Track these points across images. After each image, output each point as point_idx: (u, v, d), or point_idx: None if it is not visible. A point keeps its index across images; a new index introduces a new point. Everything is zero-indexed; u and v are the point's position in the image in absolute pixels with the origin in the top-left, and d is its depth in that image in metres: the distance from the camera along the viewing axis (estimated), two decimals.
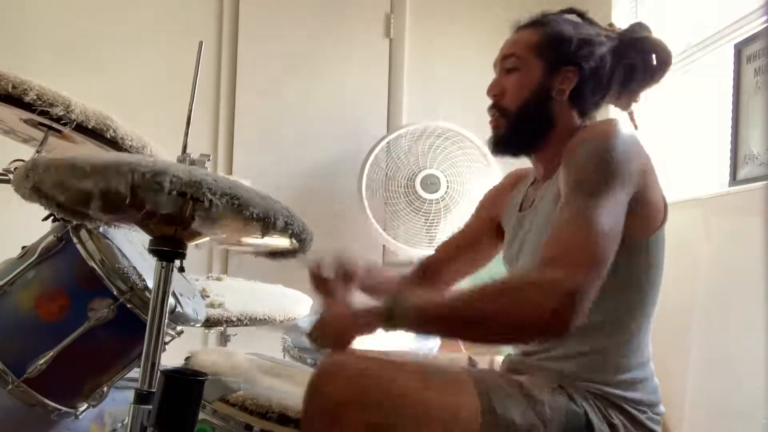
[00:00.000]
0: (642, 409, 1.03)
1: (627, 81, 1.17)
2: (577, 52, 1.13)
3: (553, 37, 1.14)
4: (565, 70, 1.13)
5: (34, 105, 1.10)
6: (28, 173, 0.84)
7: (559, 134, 1.14)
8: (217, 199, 0.78)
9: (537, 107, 1.14)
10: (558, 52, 1.13)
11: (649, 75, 1.17)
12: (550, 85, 1.14)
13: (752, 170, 1.63)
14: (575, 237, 0.92)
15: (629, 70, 1.16)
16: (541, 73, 1.14)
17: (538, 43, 1.15)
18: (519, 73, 1.15)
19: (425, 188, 2.42)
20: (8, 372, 1.13)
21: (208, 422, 1.04)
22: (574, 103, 1.15)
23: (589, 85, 1.14)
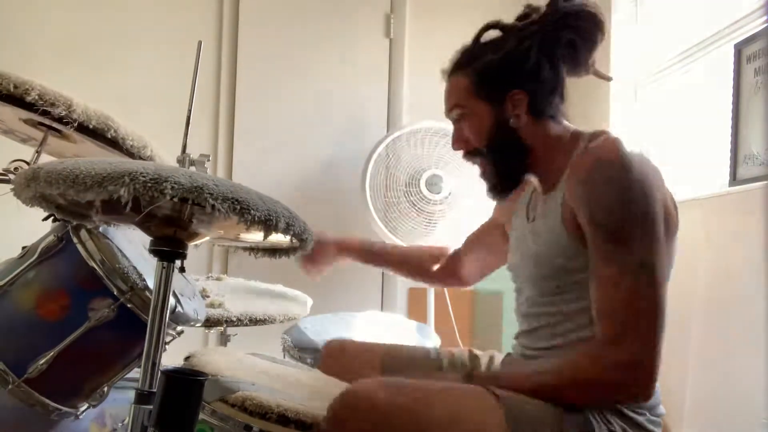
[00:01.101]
0: (641, 411, 1.03)
1: (573, 57, 1.14)
2: (510, 74, 1.12)
3: (480, 73, 1.13)
4: (509, 97, 1.12)
5: (36, 105, 1.10)
6: (29, 183, 0.84)
7: (544, 150, 1.14)
8: (219, 203, 0.78)
9: (503, 141, 1.14)
10: (492, 85, 1.13)
11: (590, 41, 1.14)
12: (503, 116, 1.13)
13: (752, 170, 1.63)
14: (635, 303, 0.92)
15: (570, 47, 1.13)
16: (489, 111, 1.14)
17: (470, 85, 1.14)
18: (470, 120, 1.16)
19: (429, 188, 2.42)
20: (9, 372, 1.13)
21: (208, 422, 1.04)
22: (537, 116, 1.13)
23: (539, 93, 1.12)
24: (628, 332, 0.91)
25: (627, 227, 0.95)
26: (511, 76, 1.12)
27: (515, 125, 1.13)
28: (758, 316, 1.45)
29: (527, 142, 1.14)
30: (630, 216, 0.95)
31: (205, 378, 0.93)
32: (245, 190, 0.84)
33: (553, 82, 1.13)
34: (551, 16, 1.13)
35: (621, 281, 0.93)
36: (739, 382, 1.57)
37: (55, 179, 0.79)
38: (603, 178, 0.99)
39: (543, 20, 1.14)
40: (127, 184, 0.76)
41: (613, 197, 0.97)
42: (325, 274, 1.53)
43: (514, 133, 1.13)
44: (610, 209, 0.97)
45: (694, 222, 1.77)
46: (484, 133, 1.14)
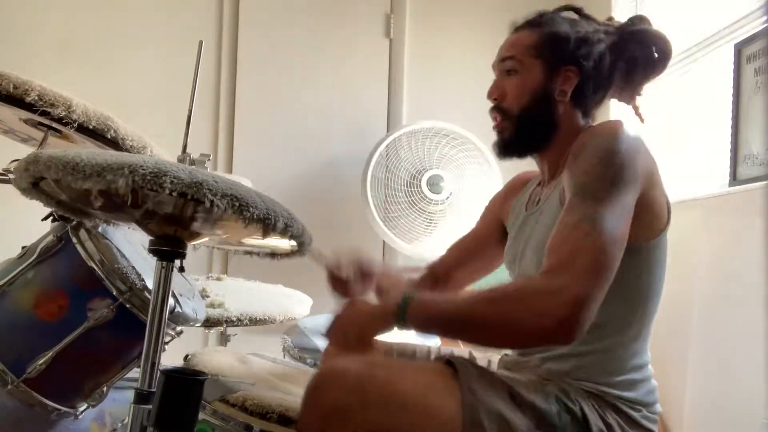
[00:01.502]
0: (637, 408, 1.03)
1: (629, 75, 1.17)
2: (577, 51, 1.12)
3: (551, 37, 1.13)
4: (565, 70, 1.12)
5: (36, 105, 1.10)
6: (29, 166, 0.84)
7: (563, 135, 1.13)
8: (218, 200, 0.78)
9: (539, 109, 1.13)
10: (557, 52, 1.13)
11: (650, 68, 1.16)
12: (551, 86, 1.13)
13: (752, 170, 1.63)
14: (581, 243, 0.92)
15: (630, 63, 1.16)
16: (541, 75, 1.13)
17: (536, 43, 1.14)
18: (519, 76, 1.15)
19: (430, 188, 2.42)
20: (8, 372, 1.13)
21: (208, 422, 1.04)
22: (577, 103, 1.14)
23: (590, 83, 1.13)
24: (569, 264, 0.90)
25: (595, 185, 0.96)
26: (575, 53, 1.12)
27: (558, 98, 1.13)
28: (758, 316, 1.45)
29: (558, 120, 1.14)
30: (601, 176, 0.97)
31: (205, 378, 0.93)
32: (245, 189, 0.84)
33: (605, 80, 1.15)
34: (629, 27, 1.17)
35: (575, 226, 0.94)
36: (739, 382, 1.57)
37: (55, 164, 0.79)
38: (588, 148, 1.01)
39: (620, 27, 1.17)
40: (126, 175, 0.76)
41: (592, 160, 0.99)
42: None
43: (551, 106, 1.13)
44: (585, 168, 0.99)
45: (694, 222, 1.77)
46: (526, 93, 1.14)
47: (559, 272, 0.90)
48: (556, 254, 0.93)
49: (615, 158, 0.97)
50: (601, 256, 0.91)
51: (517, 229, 1.23)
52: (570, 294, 0.88)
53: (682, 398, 1.74)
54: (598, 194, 0.95)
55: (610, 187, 0.95)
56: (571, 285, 0.88)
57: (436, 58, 2.87)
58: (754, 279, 1.50)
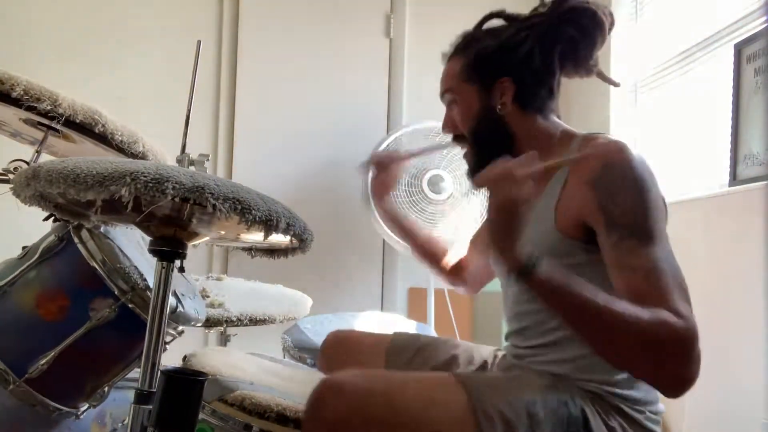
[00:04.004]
0: (639, 408, 1.03)
1: (574, 54, 1.14)
2: (501, 60, 1.12)
3: (475, 57, 1.14)
4: (498, 84, 1.13)
5: (21, 100, 1.10)
6: (29, 182, 0.84)
7: (527, 139, 1.14)
8: (220, 203, 0.79)
9: (486, 128, 1.15)
10: (483, 69, 1.13)
11: (590, 41, 1.14)
12: (490, 103, 1.14)
13: (752, 170, 1.63)
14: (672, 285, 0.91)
15: (571, 43, 1.13)
16: (477, 96, 1.15)
17: (464, 68, 1.15)
18: (459, 104, 1.17)
19: (431, 188, 2.42)
20: (9, 372, 1.13)
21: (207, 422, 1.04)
22: (524, 107, 1.14)
23: (528, 84, 1.13)
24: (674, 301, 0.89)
25: (647, 224, 0.95)
26: (502, 64, 1.12)
27: (501, 112, 1.13)
28: (758, 316, 1.45)
29: (511, 131, 1.14)
30: (647, 214, 0.96)
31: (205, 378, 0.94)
32: (246, 190, 0.84)
33: (543, 75, 1.13)
34: (555, 10, 1.14)
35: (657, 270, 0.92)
36: (739, 382, 1.57)
37: (56, 178, 0.79)
38: (613, 179, 0.99)
39: (547, 14, 1.15)
40: (128, 183, 0.76)
41: (628, 197, 0.97)
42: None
43: (499, 120, 1.14)
44: (626, 209, 0.97)
45: (694, 222, 1.77)
46: (469, 118, 1.16)
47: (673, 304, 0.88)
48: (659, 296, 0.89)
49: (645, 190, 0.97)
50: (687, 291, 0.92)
51: None
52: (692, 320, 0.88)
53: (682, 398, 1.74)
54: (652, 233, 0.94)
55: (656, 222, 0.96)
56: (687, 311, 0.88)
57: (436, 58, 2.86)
58: (753, 279, 1.50)
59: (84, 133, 1.18)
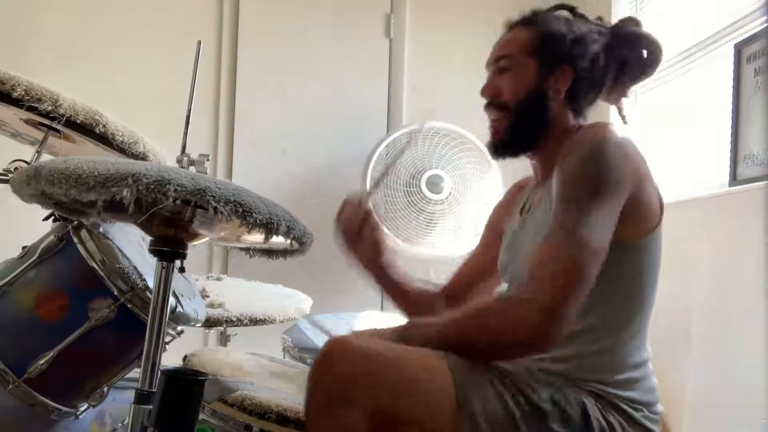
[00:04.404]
0: (638, 407, 1.03)
1: (619, 76, 1.17)
2: (571, 50, 1.12)
3: (546, 35, 1.14)
4: (560, 69, 1.13)
5: (22, 101, 1.10)
6: (30, 181, 0.84)
7: (556, 134, 1.14)
8: (221, 206, 0.79)
9: (534, 106, 1.14)
10: (552, 50, 1.13)
11: (640, 70, 1.17)
12: (545, 84, 1.13)
13: (752, 170, 1.63)
14: (556, 252, 0.94)
15: (621, 65, 1.16)
16: (536, 73, 1.13)
17: (531, 42, 1.14)
18: (514, 73, 1.15)
19: (430, 188, 2.42)
20: (9, 372, 1.13)
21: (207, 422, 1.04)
22: (570, 102, 1.14)
23: (583, 83, 1.14)
24: (544, 274, 0.92)
25: (577, 192, 0.97)
26: (571, 54, 1.12)
27: (552, 96, 1.13)
28: (758, 315, 1.45)
29: (551, 119, 1.14)
30: (584, 183, 0.98)
31: (205, 378, 0.94)
32: (247, 193, 0.84)
33: (598, 81, 1.15)
34: (622, 29, 1.17)
35: (556, 234, 0.95)
36: (739, 382, 1.57)
37: (58, 178, 0.79)
38: (577, 156, 1.02)
39: (614, 28, 1.18)
40: (130, 185, 0.76)
41: (577, 167, 1.00)
42: None
43: (545, 104, 1.14)
44: (569, 176, 1.00)
45: (694, 222, 1.77)
46: (521, 92, 1.14)
47: (531, 282, 0.93)
48: (533, 265, 0.95)
49: (597, 165, 0.98)
50: (573, 264, 0.92)
51: (510, 234, 1.23)
52: (540, 303, 0.90)
53: (682, 398, 1.74)
54: (580, 203, 0.96)
55: (591, 194, 0.96)
56: (541, 294, 0.91)
57: (436, 58, 2.87)
58: (754, 279, 1.50)
59: (85, 134, 1.18)
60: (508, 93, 1.15)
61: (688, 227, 1.75)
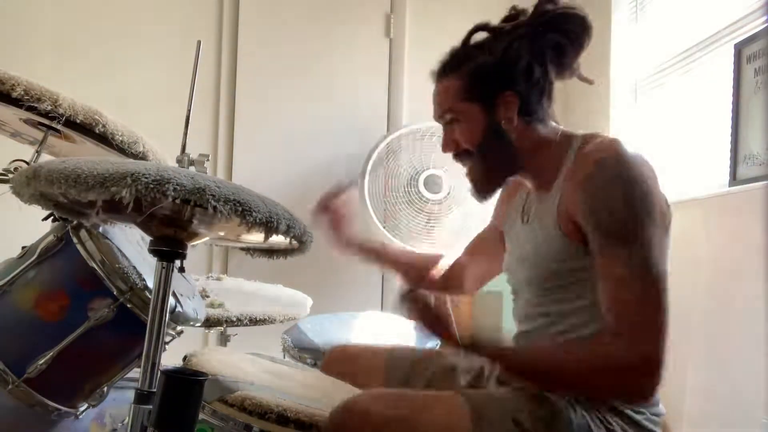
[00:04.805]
0: (639, 410, 1.03)
1: (559, 60, 1.14)
2: (503, 75, 1.11)
3: (474, 75, 1.13)
4: (502, 99, 1.12)
5: (22, 100, 1.10)
6: (30, 181, 0.84)
7: (533, 150, 1.13)
8: (220, 205, 0.79)
9: (495, 144, 1.13)
10: (484, 86, 1.12)
11: (577, 45, 1.13)
12: (495, 119, 1.12)
13: (752, 170, 1.63)
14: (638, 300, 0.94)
15: (556, 49, 1.13)
16: (481, 114, 1.13)
17: (463, 88, 1.13)
18: (462, 123, 1.15)
19: (428, 188, 2.42)
20: (8, 372, 1.13)
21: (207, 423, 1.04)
22: (528, 118, 1.13)
23: (531, 95, 1.12)
24: (639, 329, 0.93)
25: (630, 227, 0.96)
26: (504, 78, 1.11)
27: (507, 127, 1.12)
28: (758, 315, 1.45)
29: (517, 144, 1.13)
30: (633, 216, 0.96)
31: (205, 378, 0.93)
32: (247, 192, 0.84)
33: (543, 85, 1.13)
34: (539, 17, 1.13)
35: (632, 281, 0.94)
36: (739, 382, 1.57)
37: (57, 178, 0.79)
38: (604, 179, 0.99)
39: (531, 22, 1.14)
40: (129, 185, 0.76)
41: (615, 197, 0.97)
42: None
43: (505, 135, 1.13)
44: (612, 210, 0.97)
45: (694, 222, 1.77)
46: (476, 136, 1.14)
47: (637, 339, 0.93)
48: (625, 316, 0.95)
49: (634, 190, 0.97)
50: (664, 307, 0.95)
51: (513, 240, 1.24)
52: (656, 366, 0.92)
53: (682, 398, 1.74)
54: (637, 237, 0.95)
55: (644, 224, 0.96)
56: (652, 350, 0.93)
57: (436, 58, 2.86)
58: (754, 279, 1.50)
59: (84, 134, 1.18)
60: (465, 142, 1.15)
61: (688, 227, 1.75)
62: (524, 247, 1.16)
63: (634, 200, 0.97)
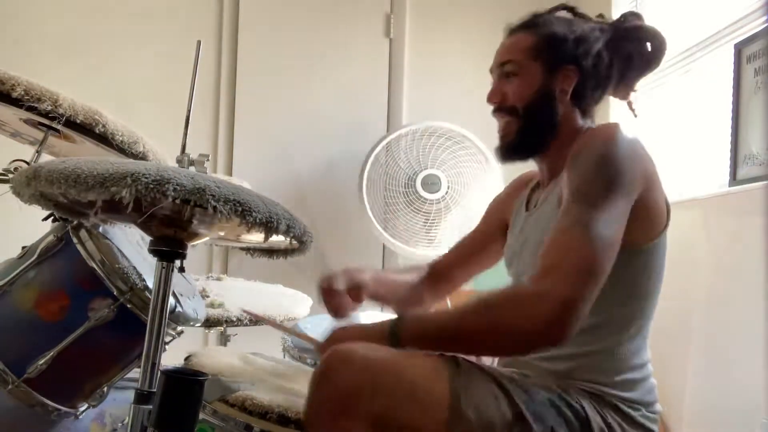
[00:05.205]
0: (636, 407, 1.04)
1: (624, 71, 1.17)
2: (575, 50, 1.12)
3: (548, 37, 1.14)
4: (565, 70, 1.13)
5: (22, 100, 1.10)
6: (30, 182, 0.84)
7: (564, 135, 1.14)
8: (220, 205, 0.79)
9: (543, 108, 1.14)
10: (555, 52, 1.13)
11: (645, 64, 1.17)
12: (551, 86, 1.13)
13: (752, 170, 1.63)
14: (571, 246, 0.92)
15: (625, 60, 1.16)
16: (541, 76, 1.13)
17: (534, 45, 1.14)
18: (519, 78, 1.15)
19: (425, 188, 2.42)
20: (8, 372, 1.13)
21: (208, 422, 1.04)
22: (576, 102, 1.15)
23: (589, 82, 1.14)
24: (557, 268, 0.91)
25: (590, 189, 0.97)
26: (574, 53, 1.12)
27: (559, 97, 1.13)
28: (758, 316, 1.45)
29: (559, 120, 1.14)
30: (596, 181, 0.97)
31: (205, 378, 0.94)
32: (247, 192, 0.84)
33: (603, 77, 1.15)
34: (623, 24, 1.17)
35: (566, 231, 0.94)
36: (739, 382, 1.57)
37: (57, 178, 0.79)
38: (587, 150, 1.02)
39: (615, 24, 1.17)
40: (129, 185, 0.76)
41: (588, 165, 1.00)
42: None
43: (553, 105, 1.14)
44: (581, 173, 1.00)
45: (694, 222, 1.77)
46: (528, 95, 1.14)
47: (546, 275, 0.91)
48: (545, 258, 0.94)
49: (610, 163, 0.98)
50: (589, 258, 0.91)
51: (517, 229, 1.23)
52: (557, 296, 0.88)
53: (682, 398, 1.74)
54: (592, 199, 0.96)
55: (605, 191, 0.96)
56: (557, 287, 0.89)
57: (436, 58, 2.87)
58: (754, 279, 1.50)
59: (84, 134, 1.18)
60: (515, 97, 1.15)
61: (688, 227, 1.75)
62: (528, 234, 1.17)
63: (601, 169, 0.98)
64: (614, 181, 0.97)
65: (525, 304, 0.91)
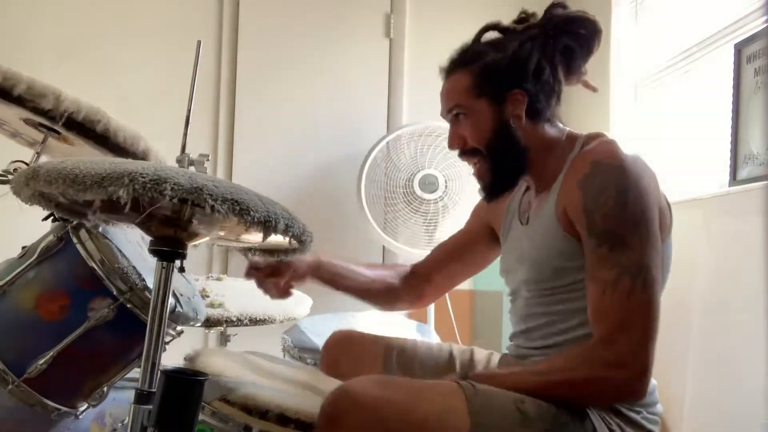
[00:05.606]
0: (637, 409, 1.04)
1: (568, 63, 1.15)
2: (513, 73, 1.11)
3: (483, 71, 1.13)
4: (510, 97, 1.12)
5: (24, 97, 1.10)
6: (29, 182, 0.84)
7: (540, 149, 1.14)
8: (218, 204, 0.79)
9: (504, 143, 1.13)
10: (495, 83, 1.12)
11: (586, 50, 1.15)
12: (503, 117, 1.13)
13: (752, 170, 1.63)
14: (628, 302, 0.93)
15: (566, 53, 1.14)
16: (490, 111, 1.13)
17: (472, 84, 1.13)
18: (470, 119, 1.14)
19: (423, 188, 2.42)
20: (8, 372, 1.13)
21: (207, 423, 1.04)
22: (535, 118, 1.13)
23: (539, 95, 1.13)
24: (621, 333, 0.92)
25: (623, 230, 0.96)
26: (514, 77, 1.12)
27: (514, 125, 1.12)
28: (758, 316, 1.45)
29: (524, 143, 1.14)
30: (626, 219, 0.96)
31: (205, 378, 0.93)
32: (245, 191, 0.84)
33: (551, 86, 1.14)
34: (551, 20, 1.14)
35: (617, 284, 0.94)
36: (739, 382, 1.57)
37: (55, 178, 0.79)
38: (599, 181, 1.00)
39: (543, 24, 1.15)
40: (126, 184, 0.76)
41: (609, 200, 0.98)
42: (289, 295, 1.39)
43: (513, 133, 1.13)
44: (606, 212, 0.98)
45: (694, 222, 1.77)
46: (484, 133, 1.14)
47: (618, 341, 0.92)
48: (608, 320, 0.94)
49: (629, 194, 0.97)
50: (652, 312, 0.93)
51: (510, 241, 1.23)
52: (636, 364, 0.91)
53: (682, 398, 1.74)
54: (627, 240, 0.95)
55: (635, 228, 0.96)
56: (634, 352, 0.91)
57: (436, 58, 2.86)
58: (754, 279, 1.50)
59: (85, 134, 1.18)
60: (473, 140, 1.15)
61: (688, 227, 1.75)
62: (524, 248, 1.16)
63: (628, 204, 0.97)
64: (639, 212, 0.96)
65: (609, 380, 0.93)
